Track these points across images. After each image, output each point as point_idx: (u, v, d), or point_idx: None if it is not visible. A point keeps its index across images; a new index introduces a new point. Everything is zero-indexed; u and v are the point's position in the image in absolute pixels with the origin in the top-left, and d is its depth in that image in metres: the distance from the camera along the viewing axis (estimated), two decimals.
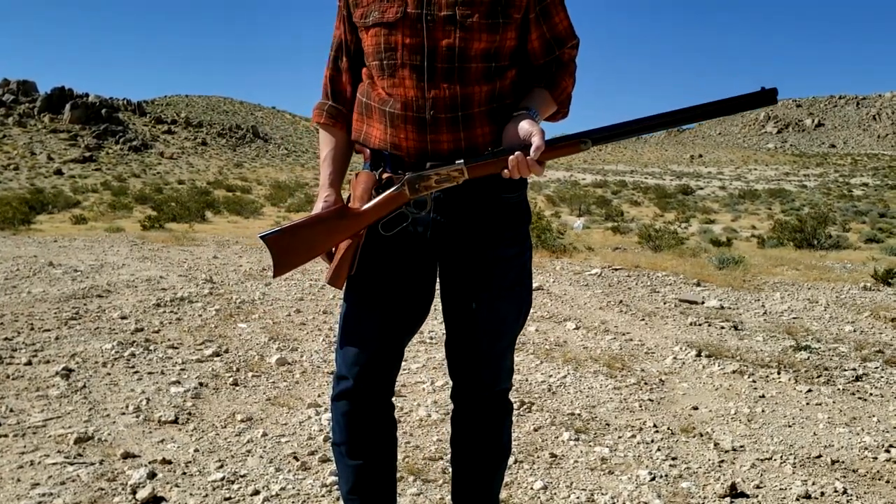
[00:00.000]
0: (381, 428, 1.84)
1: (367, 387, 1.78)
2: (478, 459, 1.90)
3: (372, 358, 1.77)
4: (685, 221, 31.44)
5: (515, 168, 1.61)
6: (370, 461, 1.81)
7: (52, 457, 2.63)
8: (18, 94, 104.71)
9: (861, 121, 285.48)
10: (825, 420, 3.37)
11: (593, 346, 4.73)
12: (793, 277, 8.50)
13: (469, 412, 1.89)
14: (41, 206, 23.37)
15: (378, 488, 1.84)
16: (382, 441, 1.85)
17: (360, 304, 1.78)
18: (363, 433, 1.80)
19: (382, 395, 1.83)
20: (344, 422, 1.79)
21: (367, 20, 1.70)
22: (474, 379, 1.87)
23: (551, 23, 1.72)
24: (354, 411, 1.79)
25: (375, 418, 1.82)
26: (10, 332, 4.49)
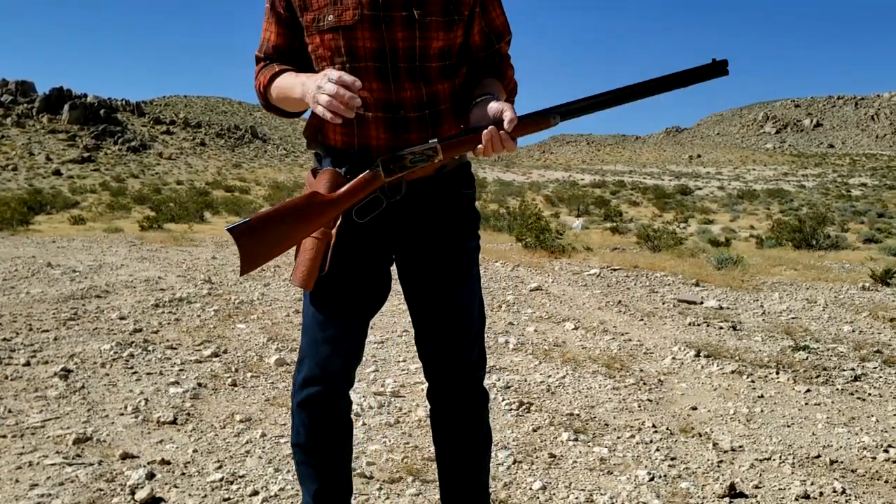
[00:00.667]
0: (349, 425, 1.87)
1: (340, 386, 1.79)
2: (464, 453, 1.91)
3: (346, 357, 1.78)
4: (684, 222, 31.49)
5: (490, 143, 1.61)
6: (339, 460, 1.84)
7: (50, 457, 2.63)
8: (17, 94, 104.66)
9: (859, 121, 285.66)
10: (824, 420, 3.37)
11: (592, 347, 4.73)
12: (791, 277, 8.50)
13: (450, 406, 1.90)
14: (40, 207, 23.36)
15: (345, 488, 1.87)
16: (349, 438, 1.87)
17: (330, 304, 1.76)
18: (336, 432, 1.81)
19: (348, 392, 1.84)
20: (316, 423, 1.78)
21: (322, 24, 1.67)
22: (453, 369, 1.87)
23: (489, 17, 1.76)
24: (328, 411, 1.78)
25: (347, 416, 1.84)
26: (9, 333, 4.48)
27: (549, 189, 63.14)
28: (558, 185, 74.95)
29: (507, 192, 51.22)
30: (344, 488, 1.88)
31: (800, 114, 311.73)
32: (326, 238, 1.67)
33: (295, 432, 1.82)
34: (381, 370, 4.02)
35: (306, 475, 1.84)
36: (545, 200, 43.26)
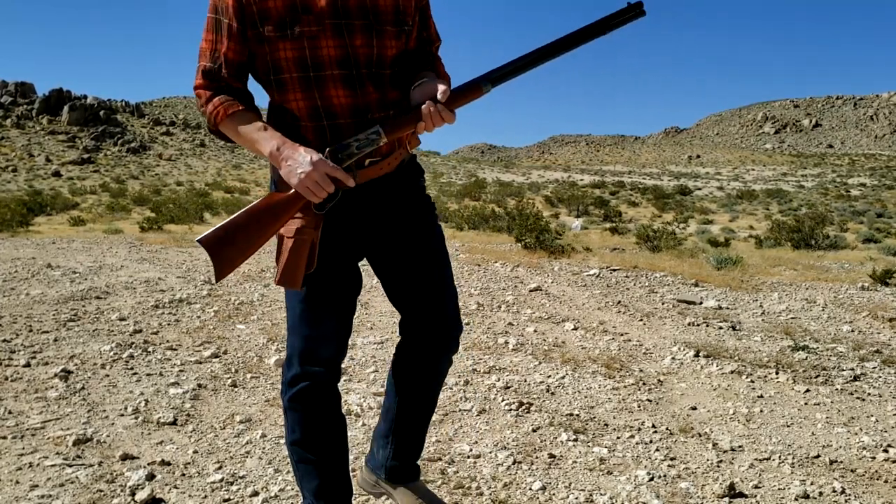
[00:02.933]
0: (342, 418, 1.94)
1: (331, 379, 1.87)
2: (428, 392, 2.06)
3: (335, 350, 1.87)
4: (683, 222, 31.51)
5: (430, 118, 1.72)
6: (336, 455, 1.90)
7: (50, 459, 2.63)
8: (16, 95, 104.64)
9: (858, 121, 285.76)
10: (823, 420, 3.38)
11: (592, 347, 4.73)
12: (790, 278, 8.51)
13: (432, 349, 2.01)
14: (39, 208, 23.36)
15: (345, 487, 1.93)
16: (344, 433, 1.95)
17: (318, 300, 1.83)
18: (331, 425, 1.88)
19: (337, 384, 1.92)
20: (311, 416, 1.84)
21: (286, 33, 1.69)
22: (444, 316, 2.00)
23: (426, 24, 1.91)
24: (321, 404, 1.85)
25: (339, 408, 1.92)
26: (9, 334, 4.48)
27: (549, 189, 63.12)
28: (557, 185, 74.93)
29: (506, 193, 51.21)
30: (344, 486, 1.92)
31: (799, 114, 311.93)
32: (311, 237, 1.73)
33: (290, 430, 1.87)
34: (380, 370, 4.02)
35: (305, 473, 1.88)
36: (545, 201, 43.26)
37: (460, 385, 3.74)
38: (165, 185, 63.45)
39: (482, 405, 3.44)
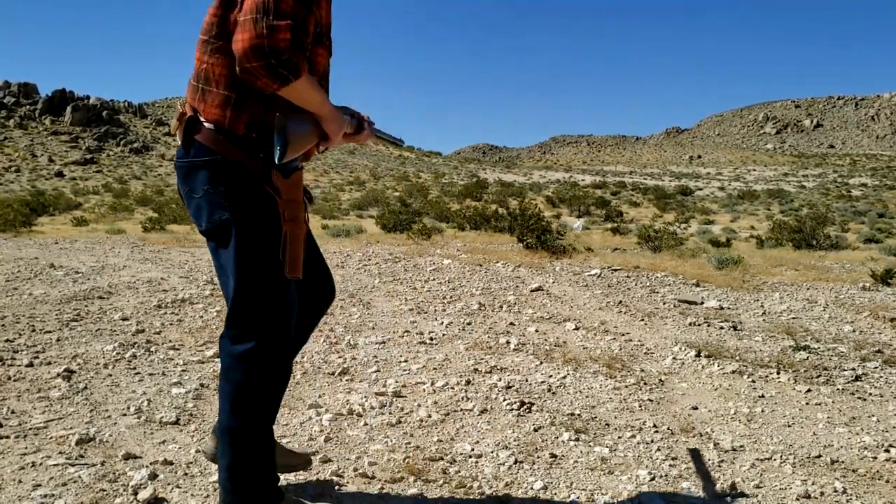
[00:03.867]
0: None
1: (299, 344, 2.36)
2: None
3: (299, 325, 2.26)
4: (684, 222, 31.49)
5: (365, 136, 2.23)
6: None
7: (53, 458, 2.64)
8: (19, 96, 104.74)
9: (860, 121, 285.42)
10: (825, 420, 3.38)
11: (593, 347, 4.74)
12: (792, 278, 8.51)
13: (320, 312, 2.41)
14: (42, 208, 23.40)
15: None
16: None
17: (297, 283, 2.12)
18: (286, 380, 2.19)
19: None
20: (282, 376, 2.13)
21: (321, 41, 2.03)
22: (331, 289, 2.40)
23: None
24: (289, 364, 2.18)
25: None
26: (12, 334, 4.49)
27: (550, 190, 63.08)
28: (559, 185, 74.89)
29: (507, 193, 51.19)
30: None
31: (800, 114, 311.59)
32: (306, 227, 2.10)
33: (268, 406, 2.11)
34: (382, 370, 4.03)
35: (267, 411, 2.11)
36: (546, 201, 43.24)
37: (462, 385, 3.75)
38: (168, 185, 63.45)
39: (483, 405, 3.44)
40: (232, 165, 1.94)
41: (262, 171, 1.95)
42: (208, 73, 1.94)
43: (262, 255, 1.98)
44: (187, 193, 2.03)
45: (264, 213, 1.97)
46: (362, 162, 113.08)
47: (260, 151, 1.95)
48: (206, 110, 1.95)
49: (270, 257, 1.99)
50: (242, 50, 1.74)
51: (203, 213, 2.00)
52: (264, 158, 1.95)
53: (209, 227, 2.00)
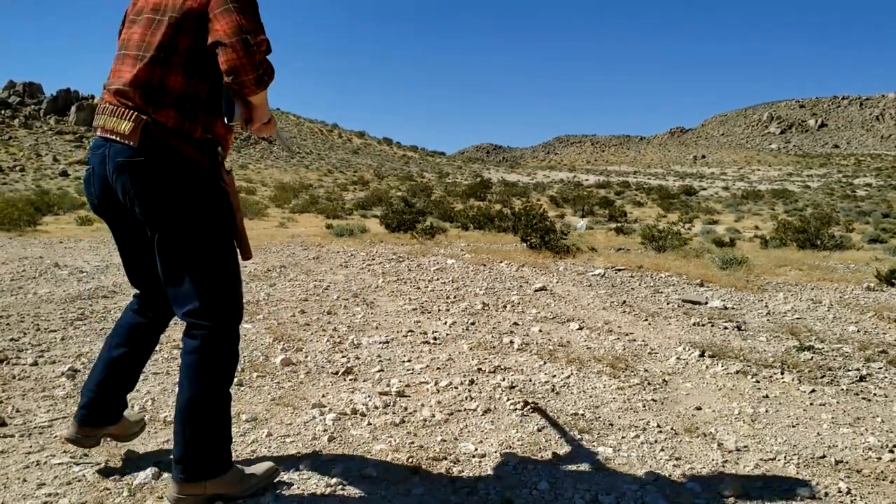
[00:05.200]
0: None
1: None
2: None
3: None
4: (688, 222, 31.45)
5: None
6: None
7: (57, 457, 2.64)
8: (24, 96, 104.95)
9: (864, 121, 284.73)
10: (829, 420, 3.37)
11: (597, 347, 4.74)
12: (796, 278, 8.49)
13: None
14: (47, 208, 23.43)
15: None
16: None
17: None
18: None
19: None
20: (237, 348, 2.37)
21: None
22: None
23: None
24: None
25: None
26: (16, 333, 4.51)
27: (554, 189, 63.04)
28: (563, 185, 74.86)
29: (511, 193, 51.17)
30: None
31: (804, 114, 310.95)
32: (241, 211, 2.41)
33: (229, 376, 2.33)
34: (386, 370, 4.03)
35: (233, 374, 2.36)
36: (550, 201, 43.20)
37: (465, 384, 3.75)
38: None
39: (487, 405, 3.44)
40: (188, 163, 2.21)
41: (212, 167, 2.27)
42: (164, 84, 2.19)
43: (222, 242, 2.28)
44: (141, 191, 2.20)
45: (220, 205, 2.28)
46: (366, 162, 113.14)
47: (210, 152, 2.28)
48: (162, 114, 2.19)
49: (227, 243, 2.30)
50: (240, 66, 2.08)
51: (159, 207, 2.20)
52: (213, 158, 2.28)
53: (166, 219, 2.21)
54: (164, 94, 2.19)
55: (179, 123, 2.19)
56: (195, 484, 2.26)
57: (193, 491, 2.26)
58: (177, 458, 2.26)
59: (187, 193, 2.20)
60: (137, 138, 2.16)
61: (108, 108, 2.24)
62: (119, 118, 2.20)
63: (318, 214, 29.70)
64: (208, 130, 2.26)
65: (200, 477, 2.26)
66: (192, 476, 2.25)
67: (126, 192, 2.21)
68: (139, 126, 2.16)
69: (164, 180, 2.18)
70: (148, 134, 2.17)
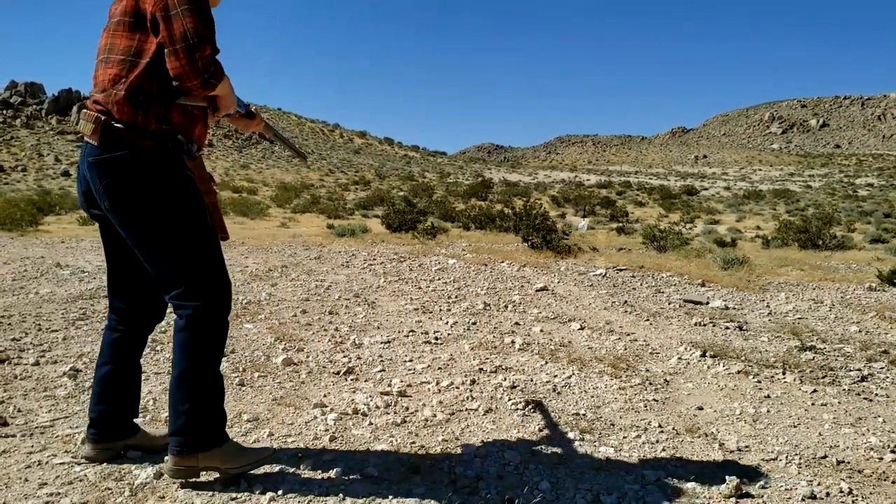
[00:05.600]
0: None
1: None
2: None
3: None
4: (690, 222, 31.42)
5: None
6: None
7: (59, 457, 2.65)
8: (26, 96, 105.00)
9: (866, 121, 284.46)
10: (830, 420, 3.37)
11: (598, 347, 4.73)
12: (797, 278, 8.49)
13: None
14: (48, 208, 23.43)
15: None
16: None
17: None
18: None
19: None
20: (226, 324, 2.48)
21: None
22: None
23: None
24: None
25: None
26: (18, 333, 4.51)
27: (555, 189, 63.04)
28: (564, 185, 74.85)
29: (512, 193, 51.16)
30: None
31: (806, 114, 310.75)
32: (216, 199, 2.50)
33: (218, 353, 2.45)
34: (387, 370, 4.03)
35: (219, 360, 2.46)
36: (551, 201, 43.20)
37: (467, 384, 3.75)
38: None
39: (489, 404, 3.44)
40: (146, 155, 2.31)
41: (174, 157, 2.36)
42: (118, 83, 2.30)
43: (194, 225, 2.38)
44: (107, 186, 2.31)
45: (186, 191, 2.37)
46: (367, 161, 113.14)
47: (169, 142, 2.35)
48: (120, 111, 2.30)
49: (201, 225, 2.40)
50: (183, 74, 2.20)
51: (128, 200, 2.31)
52: (174, 147, 2.36)
53: (136, 211, 2.32)
54: (118, 91, 2.30)
55: (133, 118, 2.30)
56: (188, 456, 2.39)
57: (187, 463, 2.39)
58: (170, 431, 2.40)
59: (149, 184, 2.31)
60: (98, 137, 2.30)
61: (84, 112, 2.40)
62: (87, 121, 2.34)
63: (320, 214, 29.69)
64: (164, 121, 2.34)
65: (193, 450, 2.38)
66: (185, 449, 2.38)
67: (96, 189, 2.36)
68: (99, 126, 2.30)
69: (125, 174, 2.30)
70: (107, 132, 2.30)
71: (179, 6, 2.20)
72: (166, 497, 2.36)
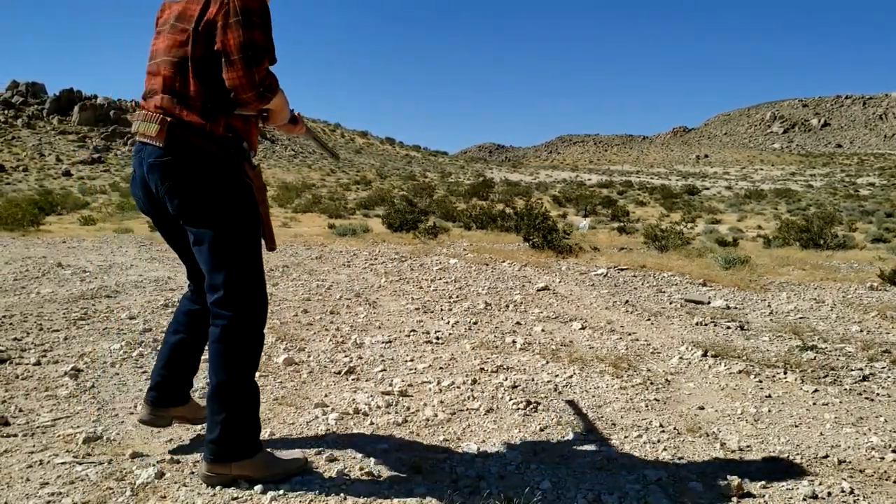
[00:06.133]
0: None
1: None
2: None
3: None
4: (691, 222, 31.40)
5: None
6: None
7: (60, 456, 2.65)
8: (27, 95, 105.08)
9: (867, 120, 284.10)
10: (832, 420, 3.37)
11: (599, 346, 4.73)
12: (799, 277, 8.48)
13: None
14: (50, 208, 23.45)
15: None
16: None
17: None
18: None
19: None
20: (262, 335, 2.52)
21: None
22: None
23: None
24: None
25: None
26: (20, 333, 4.51)
27: (557, 189, 63.02)
28: (565, 185, 74.83)
29: (514, 193, 51.13)
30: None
31: (807, 113, 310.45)
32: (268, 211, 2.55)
33: (253, 364, 2.48)
34: (388, 370, 4.03)
35: (255, 369, 2.49)
36: (552, 200, 43.19)
37: (468, 384, 3.75)
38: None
39: (490, 404, 3.44)
40: (211, 159, 2.35)
41: (236, 163, 2.40)
42: (186, 88, 2.34)
43: (247, 233, 2.41)
44: (170, 188, 2.36)
45: (244, 198, 2.41)
46: (368, 161, 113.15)
47: (233, 148, 2.40)
48: (189, 115, 2.33)
49: (253, 235, 2.44)
50: (239, 86, 2.25)
51: (187, 202, 2.36)
52: (236, 154, 2.40)
53: (194, 212, 2.36)
54: (187, 96, 2.34)
55: (202, 123, 2.33)
56: (221, 464, 2.43)
57: (220, 471, 2.43)
58: (207, 439, 2.44)
59: (211, 187, 2.35)
60: (164, 139, 2.33)
61: (141, 114, 2.43)
62: (149, 122, 2.37)
63: (321, 214, 29.71)
64: (229, 128, 2.38)
65: (226, 458, 2.42)
66: (218, 457, 2.42)
67: (158, 190, 2.40)
68: (164, 128, 2.33)
69: (189, 176, 2.34)
70: (173, 134, 2.33)
71: (241, 15, 2.22)
72: (168, 497, 2.36)
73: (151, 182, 2.41)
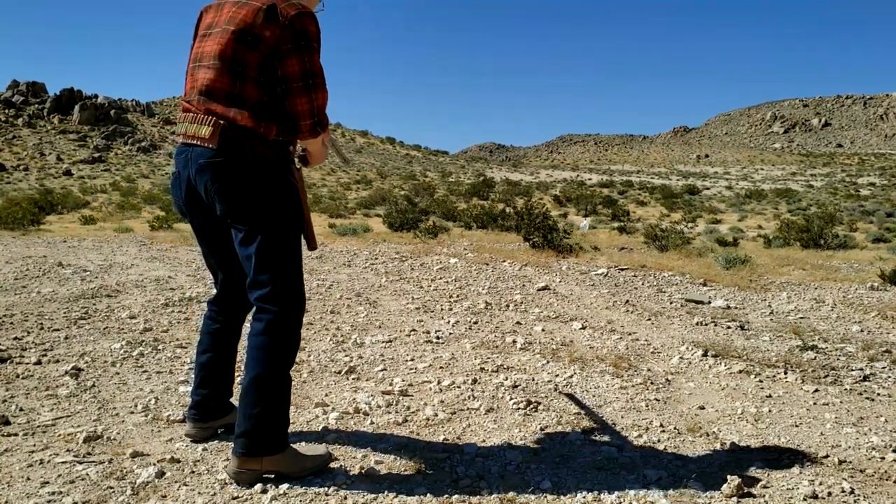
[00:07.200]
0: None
1: None
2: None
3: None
4: (691, 221, 31.37)
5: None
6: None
7: (61, 455, 2.65)
8: (28, 95, 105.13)
9: (868, 120, 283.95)
10: (832, 420, 3.37)
11: (599, 346, 4.73)
12: (799, 277, 8.48)
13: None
14: (50, 207, 23.46)
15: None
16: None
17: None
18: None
19: None
20: (300, 332, 2.57)
21: None
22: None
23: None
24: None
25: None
26: (20, 332, 4.52)
27: (557, 189, 63.01)
28: (566, 184, 74.82)
29: (514, 192, 51.12)
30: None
31: (808, 113, 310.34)
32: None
33: (290, 359, 2.51)
34: (389, 369, 4.03)
35: (291, 365, 2.54)
36: (553, 200, 43.17)
37: (468, 384, 3.75)
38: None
39: (490, 404, 3.44)
40: (262, 161, 2.41)
41: (284, 166, 2.48)
42: (241, 92, 2.39)
43: (292, 233, 2.49)
44: (219, 188, 2.41)
45: (291, 200, 2.48)
46: (369, 161, 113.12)
47: (282, 151, 2.48)
48: (244, 119, 2.38)
49: (297, 235, 2.51)
50: (301, 113, 2.38)
51: (237, 201, 2.41)
52: (284, 158, 2.49)
53: (244, 212, 2.41)
54: (241, 100, 2.39)
55: (255, 126, 2.39)
56: (253, 459, 2.43)
57: (251, 466, 2.43)
58: (238, 433, 2.43)
59: (262, 188, 2.41)
60: (217, 141, 2.38)
61: (188, 116, 2.48)
62: (199, 124, 2.42)
63: (322, 213, 29.70)
64: (281, 133, 2.45)
65: (259, 453, 2.42)
66: (251, 451, 2.42)
67: (207, 190, 2.45)
68: (217, 130, 2.38)
69: (240, 177, 2.40)
70: (226, 137, 2.39)
71: (303, 39, 2.34)
72: (168, 496, 2.36)
73: (200, 182, 2.45)
